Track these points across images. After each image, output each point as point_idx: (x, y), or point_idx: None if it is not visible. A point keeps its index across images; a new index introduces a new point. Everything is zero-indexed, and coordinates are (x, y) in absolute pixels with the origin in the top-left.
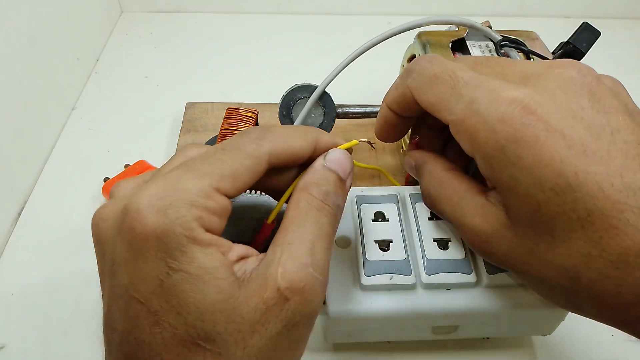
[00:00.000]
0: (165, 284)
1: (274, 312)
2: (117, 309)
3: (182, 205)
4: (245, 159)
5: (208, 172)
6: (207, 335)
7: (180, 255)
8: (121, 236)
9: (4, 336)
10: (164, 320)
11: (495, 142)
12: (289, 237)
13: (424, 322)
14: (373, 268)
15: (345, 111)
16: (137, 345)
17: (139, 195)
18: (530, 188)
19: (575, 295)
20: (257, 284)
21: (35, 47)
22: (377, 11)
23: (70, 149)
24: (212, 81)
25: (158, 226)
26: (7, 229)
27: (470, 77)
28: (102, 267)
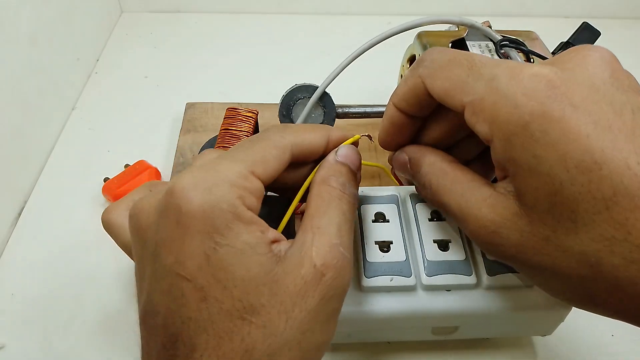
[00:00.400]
0: (212, 259)
1: (312, 286)
2: (160, 292)
3: (225, 185)
4: (272, 148)
5: (242, 158)
6: (253, 308)
7: (227, 231)
8: (165, 217)
9: (4, 336)
10: (210, 295)
11: (518, 118)
12: (316, 222)
13: (424, 323)
14: (373, 269)
15: (345, 111)
16: (183, 323)
17: (183, 177)
18: (553, 167)
19: (594, 284)
20: (293, 261)
21: (35, 47)
22: (377, 11)
23: (70, 149)
24: (212, 81)
25: (205, 202)
26: (7, 229)
27: (487, 59)
28: (142, 255)
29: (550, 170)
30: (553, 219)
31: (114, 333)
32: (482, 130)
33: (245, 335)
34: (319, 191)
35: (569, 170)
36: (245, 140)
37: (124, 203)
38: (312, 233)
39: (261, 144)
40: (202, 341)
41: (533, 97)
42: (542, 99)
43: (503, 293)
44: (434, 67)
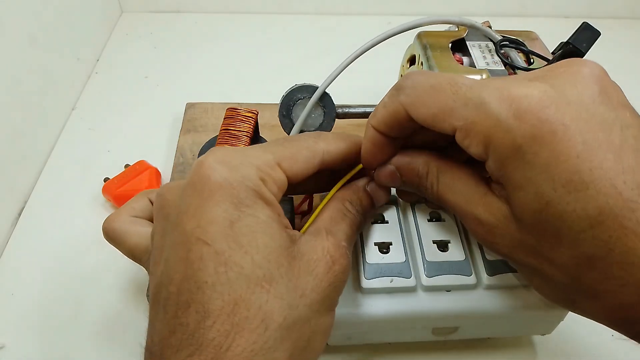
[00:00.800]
0: (235, 225)
1: (323, 271)
2: (177, 258)
3: (252, 167)
4: (303, 149)
5: (274, 150)
6: (272, 276)
7: (251, 203)
8: (192, 187)
9: (4, 336)
10: (230, 260)
11: (511, 141)
12: (328, 226)
13: (424, 324)
14: (373, 271)
15: (345, 111)
16: (198, 288)
17: (214, 152)
18: (542, 186)
19: (576, 293)
20: (307, 246)
21: (35, 47)
22: (377, 11)
23: (70, 149)
24: (212, 81)
25: (231, 176)
26: (7, 229)
27: (472, 82)
28: (164, 228)
29: (539, 189)
30: (538, 233)
31: (113, 333)
32: (476, 152)
33: (262, 304)
34: (338, 207)
35: (556, 190)
36: (279, 138)
37: (125, 211)
38: (326, 232)
39: (294, 144)
40: (216, 307)
41: (524, 119)
42: (533, 121)
43: (503, 293)
44: (416, 95)
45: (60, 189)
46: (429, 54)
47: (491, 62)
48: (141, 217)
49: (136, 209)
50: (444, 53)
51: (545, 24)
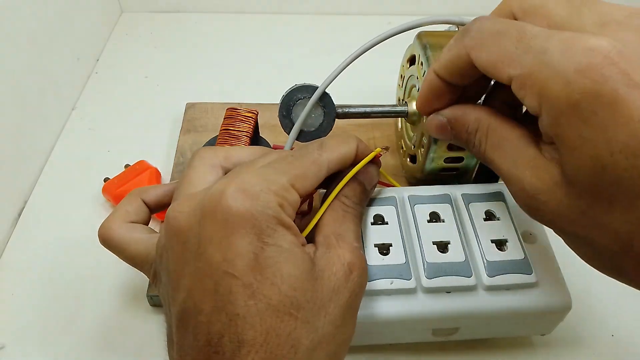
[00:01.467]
0: (260, 257)
1: (343, 283)
2: (204, 290)
3: (270, 193)
4: (311, 164)
5: (286, 170)
6: (299, 303)
7: (272, 233)
8: (214, 217)
9: (4, 336)
10: (258, 292)
11: (569, 95)
12: (335, 230)
13: (424, 326)
14: (373, 273)
15: (345, 111)
16: (230, 320)
17: (234, 180)
18: (598, 149)
19: (624, 259)
20: (324, 261)
21: (35, 47)
22: (377, 11)
23: (70, 149)
24: (212, 81)
25: (252, 207)
26: (7, 229)
27: (539, 30)
28: (182, 254)
29: (595, 152)
30: (591, 196)
31: (113, 333)
32: (531, 104)
33: (291, 331)
34: (335, 205)
35: (613, 154)
36: (287, 154)
37: (119, 216)
38: (335, 238)
39: (301, 160)
40: (249, 337)
41: (586, 74)
42: (596, 76)
43: (503, 294)
44: (480, 38)
45: (60, 189)
46: (429, 54)
47: None
48: (136, 220)
49: (131, 212)
50: None
51: None
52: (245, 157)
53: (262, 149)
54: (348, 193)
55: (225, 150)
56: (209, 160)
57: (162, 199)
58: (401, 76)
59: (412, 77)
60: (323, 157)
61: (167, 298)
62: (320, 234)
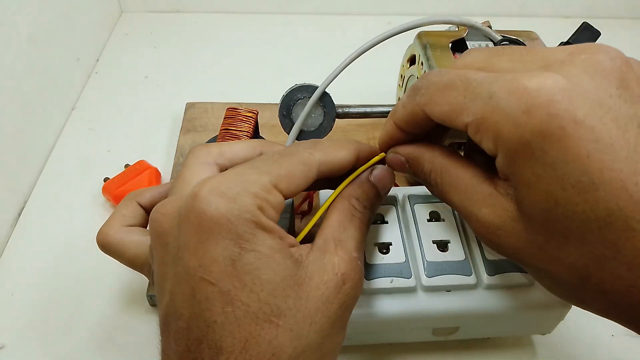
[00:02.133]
0: (237, 263)
1: (333, 293)
2: (183, 295)
3: (248, 195)
4: (299, 164)
5: (268, 170)
6: (280, 310)
7: (251, 237)
8: (189, 221)
9: (4, 336)
10: (236, 299)
11: (519, 136)
12: (337, 234)
13: (424, 324)
14: (373, 271)
15: (345, 111)
16: (208, 327)
17: (208, 182)
18: (551, 185)
19: (583, 292)
20: (315, 267)
21: (35, 47)
22: (377, 11)
23: (70, 149)
24: (212, 81)
25: (228, 210)
26: (7, 229)
27: (483, 76)
28: (164, 257)
29: (548, 188)
30: (547, 231)
31: (113, 333)
32: (487, 146)
33: (272, 339)
34: (343, 207)
35: (565, 189)
36: (274, 152)
37: (116, 220)
38: (334, 244)
39: (289, 159)
40: (228, 344)
41: (533, 115)
42: (542, 116)
43: (503, 292)
44: (430, 94)
45: (60, 189)
46: (429, 54)
47: None
48: (133, 224)
49: (127, 216)
50: (444, 53)
51: (545, 24)
52: (238, 151)
53: (257, 142)
54: (359, 195)
55: (219, 147)
56: (203, 158)
57: (157, 200)
58: (401, 76)
59: (412, 77)
60: (314, 156)
61: (157, 299)
62: (320, 236)
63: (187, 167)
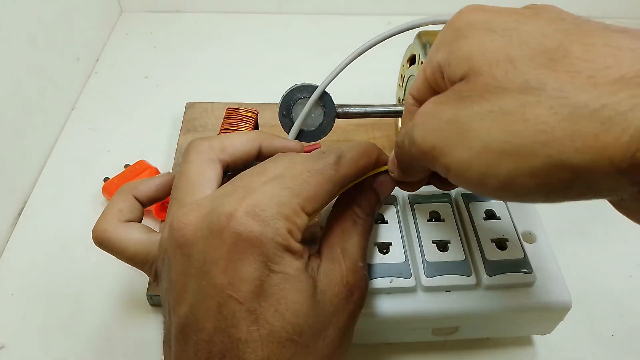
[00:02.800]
0: (265, 284)
1: (343, 304)
2: (207, 309)
3: (280, 218)
4: (325, 183)
5: (298, 192)
6: (301, 330)
7: (279, 260)
8: (221, 239)
9: (4, 336)
10: (262, 318)
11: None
12: (342, 244)
13: (424, 325)
14: (373, 271)
15: (345, 111)
16: (232, 343)
17: (245, 202)
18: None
19: None
20: (326, 280)
21: (35, 47)
22: (377, 11)
23: (70, 149)
24: (212, 81)
25: (262, 234)
26: (7, 229)
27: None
28: (185, 268)
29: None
30: None
31: (113, 333)
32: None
33: (291, 355)
34: (346, 214)
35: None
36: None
37: (113, 215)
38: (342, 254)
39: (317, 179)
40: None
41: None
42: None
43: (503, 293)
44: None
45: (60, 189)
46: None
47: None
48: (130, 219)
49: (124, 211)
50: None
51: None
52: (239, 146)
53: (256, 135)
54: (362, 203)
55: (220, 141)
56: (205, 155)
57: (154, 193)
58: (401, 76)
59: (412, 77)
60: (340, 173)
61: (167, 305)
62: (326, 245)
63: (191, 164)
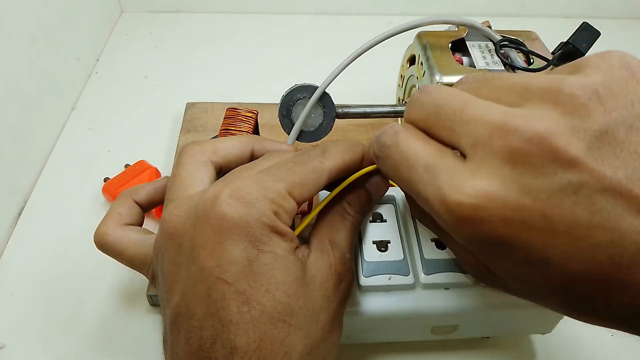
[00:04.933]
0: (254, 264)
1: (333, 292)
2: (197, 294)
3: (265, 200)
4: (311, 172)
5: (283, 178)
6: (292, 310)
7: (267, 240)
8: (207, 222)
9: (4, 336)
10: (252, 298)
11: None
12: (331, 236)
13: (423, 323)
14: (371, 269)
15: (345, 111)
16: (223, 326)
17: (229, 186)
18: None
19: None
20: (317, 267)
21: (35, 47)
22: (377, 11)
23: (70, 149)
24: (212, 81)
25: (247, 214)
26: (7, 229)
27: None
28: (176, 258)
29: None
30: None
31: (113, 333)
32: None
33: (285, 337)
34: (337, 209)
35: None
36: (288, 160)
37: (113, 219)
38: (330, 245)
39: (302, 168)
40: (242, 344)
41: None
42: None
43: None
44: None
45: (60, 189)
46: (428, 54)
47: (491, 62)
48: (130, 222)
49: (123, 214)
50: (443, 53)
51: (545, 24)
52: (230, 148)
53: (248, 138)
54: (352, 200)
55: (212, 144)
56: (197, 157)
57: (153, 197)
58: (401, 76)
59: (412, 77)
60: (325, 164)
61: (163, 300)
62: (315, 237)
63: (183, 167)
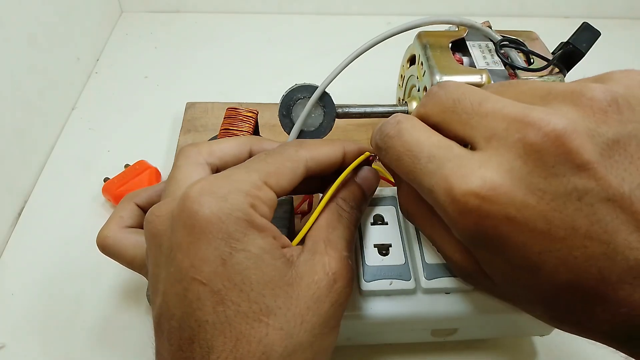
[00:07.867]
0: (228, 263)
1: (324, 292)
2: (175, 295)
3: (239, 193)
4: (286, 161)
5: (256, 168)
6: (269, 309)
7: (242, 237)
8: (181, 221)
9: (4, 336)
10: (227, 298)
11: (461, 233)
12: (327, 235)
13: (423, 326)
14: (372, 273)
15: (345, 111)
16: (199, 326)
17: (199, 183)
18: (501, 266)
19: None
20: (307, 267)
21: (35, 47)
22: (377, 11)
23: (70, 149)
24: (212, 81)
25: (219, 210)
26: (7, 229)
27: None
28: (157, 259)
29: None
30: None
31: (113, 332)
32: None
33: (262, 337)
34: (331, 207)
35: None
36: (262, 152)
37: (115, 222)
38: (324, 244)
39: (276, 157)
40: (219, 343)
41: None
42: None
43: None
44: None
45: (60, 189)
46: (428, 54)
47: (491, 62)
48: (131, 225)
49: (125, 218)
50: (443, 53)
51: (545, 24)
52: (227, 150)
53: (245, 139)
54: (346, 196)
55: (208, 146)
56: (193, 159)
57: (154, 200)
58: (401, 76)
59: (412, 77)
60: (300, 153)
61: (151, 300)
62: (310, 238)
63: (179, 168)
